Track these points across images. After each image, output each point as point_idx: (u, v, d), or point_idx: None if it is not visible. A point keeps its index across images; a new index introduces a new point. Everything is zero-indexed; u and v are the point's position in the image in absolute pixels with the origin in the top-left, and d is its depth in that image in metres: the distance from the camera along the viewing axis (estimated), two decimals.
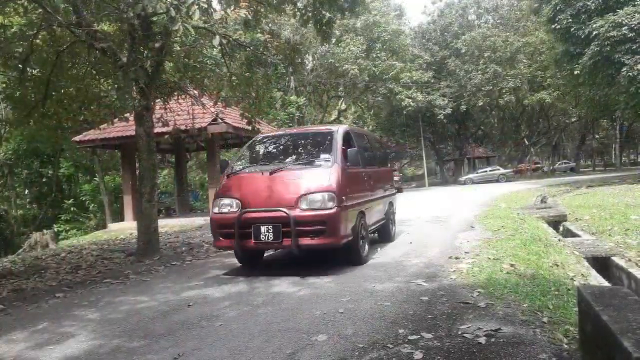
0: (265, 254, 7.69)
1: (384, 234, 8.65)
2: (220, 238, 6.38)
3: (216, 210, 6.41)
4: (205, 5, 6.07)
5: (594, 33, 21.66)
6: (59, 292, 6.12)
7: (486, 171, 42.65)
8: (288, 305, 4.64)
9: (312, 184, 6.04)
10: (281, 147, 7.48)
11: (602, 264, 8.07)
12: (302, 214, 5.84)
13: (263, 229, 5.92)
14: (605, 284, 6.46)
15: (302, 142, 7.43)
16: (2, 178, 24.49)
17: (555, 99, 39.29)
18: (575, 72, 23.46)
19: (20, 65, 9.18)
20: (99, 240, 13.48)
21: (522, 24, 40.95)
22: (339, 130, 6.93)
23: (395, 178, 33.76)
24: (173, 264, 7.82)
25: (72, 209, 22.38)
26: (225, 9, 8.22)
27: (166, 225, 14.83)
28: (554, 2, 23.79)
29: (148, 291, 5.83)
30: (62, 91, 10.08)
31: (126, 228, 15.63)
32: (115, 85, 10.03)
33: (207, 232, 11.31)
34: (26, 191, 25.73)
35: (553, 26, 24.07)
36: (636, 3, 21.25)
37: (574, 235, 10.41)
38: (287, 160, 6.85)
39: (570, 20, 23.02)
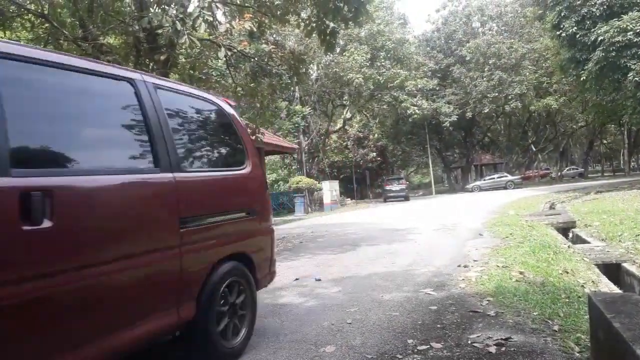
0: None
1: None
2: None
3: None
4: (211, 18, 6.13)
5: (599, 39, 21.64)
6: None
7: (494, 178, 42.48)
8: (295, 316, 4.62)
9: None
10: None
11: (612, 270, 7.99)
12: None
13: None
14: (617, 290, 6.39)
15: None
16: None
17: (562, 104, 39.20)
18: (582, 78, 23.41)
19: None
20: None
21: (527, 30, 40.97)
22: None
23: (402, 186, 33.98)
24: None
25: None
26: (230, 21, 8.29)
27: None
28: (558, 9, 23.80)
29: None
30: None
31: None
32: None
33: None
34: None
35: (558, 33, 24.07)
36: None
37: (583, 241, 10.32)
38: None
39: (575, 26, 23.01)
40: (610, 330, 2.50)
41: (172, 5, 6.54)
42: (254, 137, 10.74)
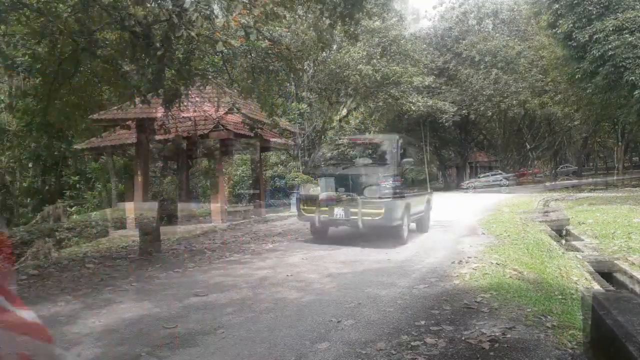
0: None
1: None
2: None
3: None
4: (207, 12, 6.09)
5: (595, 37, 21.71)
6: (61, 301, 6.11)
7: (489, 176, 42.60)
8: (291, 311, 4.63)
9: None
10: None
11: (605, 268, 8.04)
12: None
13: None
14: (609, 287, 6.43)
15: None
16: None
17: (557, 102, 39.29)
18: (577, 77, 23.43)
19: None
20: (100, 248, 13.47)
21: (523, 28, 41.01)
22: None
23: (398, 183, 33.87)
24: (175, 271, 7.81)
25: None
26: (227, 15, 8.25)
27: (168, 232, 14.80)
28: (555, 7, 23.82)
29: (150, 298, 5.81)
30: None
31: (128, 235, 15.60)
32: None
33: (209, 239, 11.30)
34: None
35: (554, 31, 24.09)
36: (636, 6, 21.34)
37: (577, 239, 10.38)
38: None
39: (572, 24, 23.04)
40: (604, 326, 2.52)
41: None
42: (253, 132, 10.71)
